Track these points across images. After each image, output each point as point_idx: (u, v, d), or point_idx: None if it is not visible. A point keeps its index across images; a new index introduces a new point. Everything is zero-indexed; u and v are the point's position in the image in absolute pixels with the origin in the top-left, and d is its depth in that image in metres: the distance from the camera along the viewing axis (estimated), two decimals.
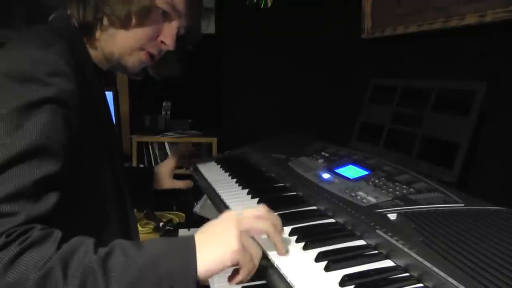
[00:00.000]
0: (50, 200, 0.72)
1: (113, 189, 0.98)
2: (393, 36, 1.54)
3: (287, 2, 2.23)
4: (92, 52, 0.97)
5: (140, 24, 0.93)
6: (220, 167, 1.41)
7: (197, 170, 1.42)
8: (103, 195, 0.94)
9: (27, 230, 0.66)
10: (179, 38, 1.02)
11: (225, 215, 0.76)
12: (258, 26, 2.46)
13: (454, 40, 1.31)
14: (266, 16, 2.30)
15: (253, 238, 0.75)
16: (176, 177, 1.41)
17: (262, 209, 0.79)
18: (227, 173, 1.32)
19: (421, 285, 0.65)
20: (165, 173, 1.39)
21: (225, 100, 2.76)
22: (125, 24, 0.92)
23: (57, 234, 0.68)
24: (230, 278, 0.75)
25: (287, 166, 1.29)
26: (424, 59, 1.44)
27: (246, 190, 1.13)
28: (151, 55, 0.98)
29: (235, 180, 1.24)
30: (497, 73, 1.14)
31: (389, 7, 1.57)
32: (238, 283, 0.74)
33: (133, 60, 0.98)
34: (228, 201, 1.08)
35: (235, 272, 0.74)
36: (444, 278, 0.61)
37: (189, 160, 1.49)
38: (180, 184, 1.40)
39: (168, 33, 0.97)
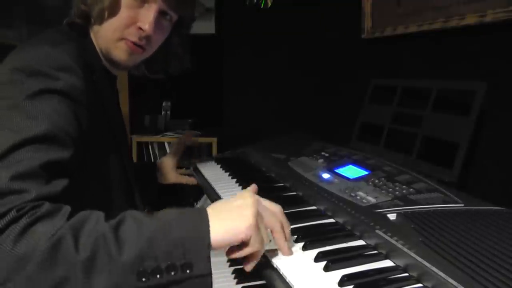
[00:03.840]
0: (59, 184, 0.73)
1: (121, 182, 0.99)
2: (393, 36, 1.54)
3: (287, 2, 2.23)
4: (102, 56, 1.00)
5: (113, 13, 0.93)
6: (220, 167, 1.41)
7: (197, 170, 1.42)
8: (111, 188, 0.96)
9: (37, 205, 0.66)
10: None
11: (244, 193, 0.77)
12: (258, 26, 2.47)
13: (454, 40, 1.31)
14: (266, 16, 2.30)
15: None
16: None
17: (279, 207, 0.80)
18: (227, 173, 1.32)
19: (420, 285, 0.65)
20: (169, 167, 1.40)
21: (225, 100, 2.76)
22: (101, 17, 0.94)
23: (67, 208, 0.68)
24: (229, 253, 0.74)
25: (287, 166, 1.29)
26: (424, 59, 1.44)
27: None
28: (136, 44, 0.97)
29: (235, 180, 1.24)
30: (497, 73, 1.14)
31: (389, 7, 1.57)
32: (249, 263, 0.74)
33: (119, 53, 0.97)
34: None
35: (240, 247, 0.73)
36: (444, 278, 0.61)
37: (189, 159, 1.50)
38: (183, 180, 1.41)
39: (145, 18, 0.95)
